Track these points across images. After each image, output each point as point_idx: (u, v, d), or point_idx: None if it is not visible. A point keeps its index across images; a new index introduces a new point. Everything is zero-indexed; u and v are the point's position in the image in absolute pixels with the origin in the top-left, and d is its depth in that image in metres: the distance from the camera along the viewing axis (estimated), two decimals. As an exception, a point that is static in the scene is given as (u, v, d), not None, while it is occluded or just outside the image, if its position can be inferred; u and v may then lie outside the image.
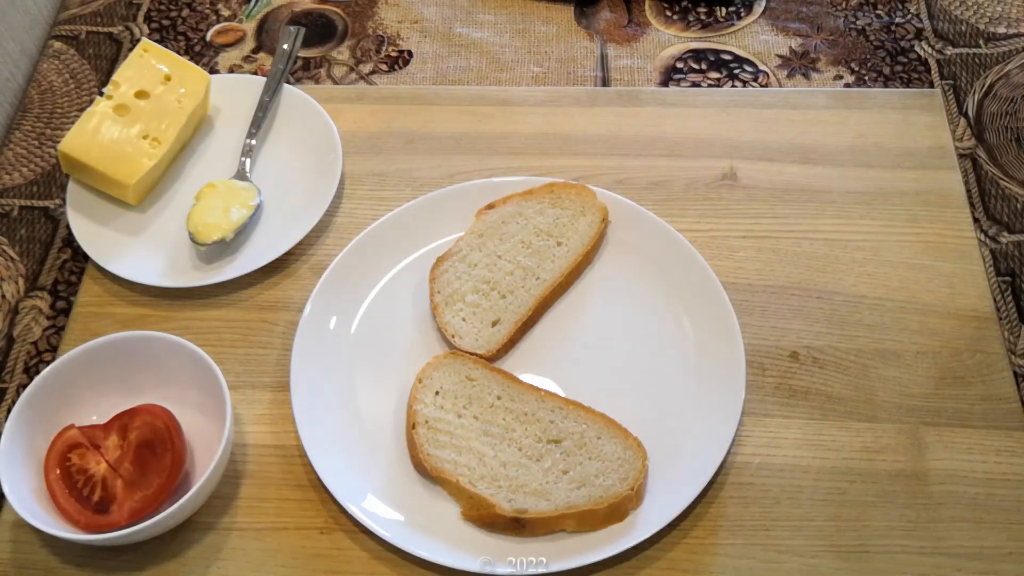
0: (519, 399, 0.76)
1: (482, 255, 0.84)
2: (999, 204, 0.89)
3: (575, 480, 0.73)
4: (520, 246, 0.84)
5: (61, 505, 0.71)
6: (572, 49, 1.01)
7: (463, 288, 0.83)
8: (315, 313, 0.81)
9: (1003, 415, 0.77)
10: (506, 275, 0.83)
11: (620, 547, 0.70)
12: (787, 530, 0.72)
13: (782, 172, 0.91)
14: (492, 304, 0.82)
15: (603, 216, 0.85)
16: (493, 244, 0.84)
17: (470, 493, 0.72)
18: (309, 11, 1.06)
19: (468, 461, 0.74)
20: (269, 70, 0.98)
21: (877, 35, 1.01)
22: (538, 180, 0.88)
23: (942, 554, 0.71)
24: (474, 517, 0.72)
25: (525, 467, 0.73)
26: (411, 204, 0.87)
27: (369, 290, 0.84)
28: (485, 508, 0.72)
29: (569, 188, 0.86)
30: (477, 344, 0.80)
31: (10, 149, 0.96)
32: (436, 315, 0.81)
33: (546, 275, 0.83)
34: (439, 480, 0.73)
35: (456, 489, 0.73)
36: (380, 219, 0.86)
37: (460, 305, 0.82)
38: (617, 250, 0.85)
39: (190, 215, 0.86)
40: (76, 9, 1.06)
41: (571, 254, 0.83)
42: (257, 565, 0.72)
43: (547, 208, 0.86)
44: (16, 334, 0.85)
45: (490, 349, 0.80)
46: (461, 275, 0.83)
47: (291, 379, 0.77)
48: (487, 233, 0.85)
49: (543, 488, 0.72)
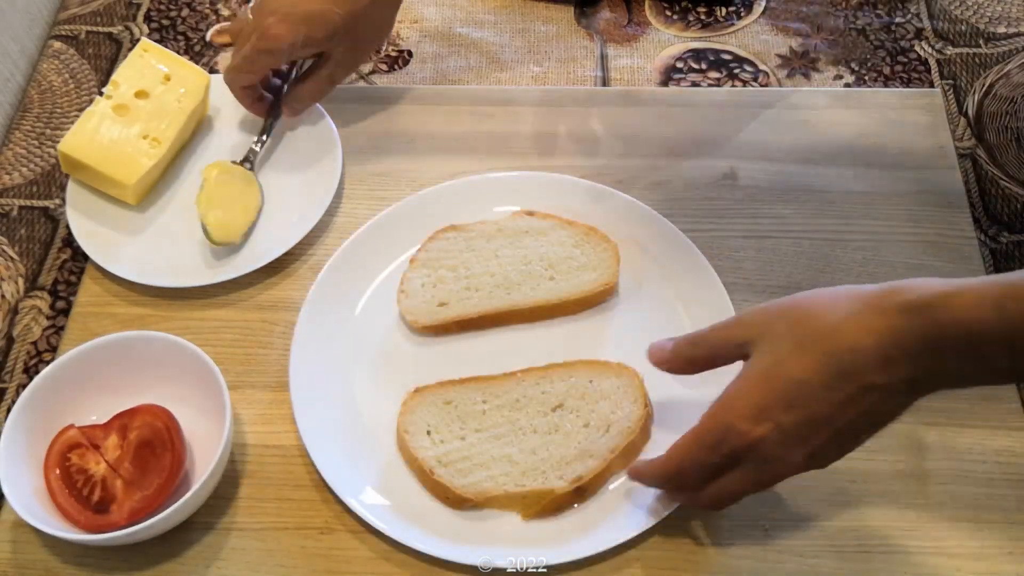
0: (502, 392, 0.77)
1: (485, 245, 0.84)
2: (999, 204, 0.89)
3: (598, 427, 0.74)
4: (519, 260, 0.83)
5: (61, 505, 0.71)
6: (572, 49, 1.01)
7: (446, 260, 0.83)
8: (314, 311, 0.81)
9: (1003, 415, 0.77)
10: (487, 275, 0.83)
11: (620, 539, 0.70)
12: (787, 530, 0.72)
13: (782, 172, 0.91)
14: (453, 288, 0.82)
15: (609, 285, 0.82)
16: (500, 243, 0.84)
17: (522, 494, 0.72)
18: (309, 11, 1.06)
19: (501, 469, 0.73)
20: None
21: (877, 35, 1.01)
22: (537, 177, 0.88)
23: (942, 554, 0.71)
24: (536, 512, 0.72)
25: (551, 442, 0.74)
26: (409, 200, 0.87)
27: (367, 287, 0.84)
28: (544, 498, 0.72)
29: (600, 240, 0.84)
30: (415, 311, 0.81)
31: (10, 149, 0.96)
32: (409, 268, 0.83)
33: (518, 297, 0.81)
34: (486, 502, 0.73)
35: (507, 499, 0.72)
36: (378, 215, 0.86)
37: (429, 271, 0.83)
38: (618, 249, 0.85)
39: (200, 200, 0.86)
40: (76, 9, 1.06)
41: (553, 294, 0.82)
42: (257, 565, 0.72)
43: (569, 245, 0.84)
44: (16, 334, 0.85)
45: (421, 322, 0.80)
46: (452, 249, 0.83)
47: (290, 378, 0.77)
48: (505, 232, 0.85)
49: (579, 449, 0.73)
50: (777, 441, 0.61)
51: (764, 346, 0.62)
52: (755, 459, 0.62)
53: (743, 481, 0.64)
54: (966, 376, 0.59)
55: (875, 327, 0.58)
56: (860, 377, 0.58)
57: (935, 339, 0.57)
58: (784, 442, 0.61)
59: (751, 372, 0.62)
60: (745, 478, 0.64)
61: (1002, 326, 0.55)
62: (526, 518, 0.72)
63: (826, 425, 0.60)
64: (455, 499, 0.73)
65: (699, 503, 0.68)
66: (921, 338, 0.57)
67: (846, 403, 0.59)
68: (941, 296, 0.56)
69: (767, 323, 0.63)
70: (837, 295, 0.61)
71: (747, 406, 0.61)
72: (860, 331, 0.58)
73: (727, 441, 0.62)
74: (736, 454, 0.62)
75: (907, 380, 0.58)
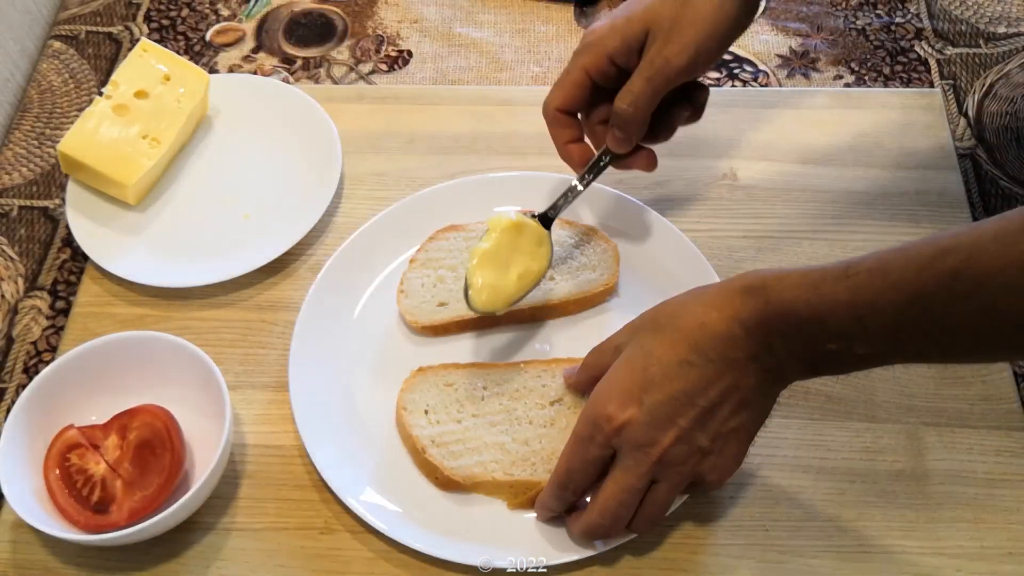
0: (503, 380, 0.77)
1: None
2: (999, 204, 0.89)
3: None
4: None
5: (60, 505, 0.71)
6: (572, 49, 1.00)
7: (446, 260, 0.83)
8: (314, 312, 0.81)
9: (1003, 415, 0.77)
10: None
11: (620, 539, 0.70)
12: (787, 530, 0.72)
13: (782, 172, 0.90)
14: (453, 288, 0.82)
15: (608, 285, 0.82)
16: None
17: (509, 483, 0.72)
18: (309, 11, 1.06)
19: (492, 456, 0.73)
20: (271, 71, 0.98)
21: (877, 35, 1.01)
22: (537, 177, 0.88)
23: (942, 554, 0.71)
24: (522, 503, 0.72)
25: (545, 435, 0.74)
26: (409, 200, 0.87)
27: (367, 287, 0.84)
28: (531, 490, 0.72)
29: (600, 240, 0.84)
30: (414, 311, 0.81)
31: (10, 149, 0.96)
32: (408, 268, 0.83)
33: None
34: (474, 486, 0.73)
35: (494, 486, 0.73)
36: (378, 215, 0.86)
37: (429, 271, 0.82)
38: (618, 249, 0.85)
39: (475, 253, 0.75)
40: (76, 9, 1.06)
41: (552, 294, 0.81)
42: (257, 565, 0.72)
43: (569, 245, 0.84)
44: (15, 334, 0.85)
45: (421, 322, 0.80)
46: (452, 249, 0.83)
47: (290, 378, 0.77)
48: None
49: None
50: (645, 423, 0.63)
51: (631, 342, 0.66)
52: (629, 445, 0.64)
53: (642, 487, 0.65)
54: (816, 360, 0.62)
55: (720, 304, 0.62)
56: (710, 351, 0.62)
57: (766, 317, 0.61)
58: (652, 423, 0.63)
59: (617, 364, 0.65)
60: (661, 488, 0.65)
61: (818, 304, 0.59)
62: (512, 507, 0.73)
63: (689, 404, 0.63)
64: (444, 481, 0.73)
65: (634, 528, 0.68)
66: (757, 315, 0.61)
67: (703, 379, 0.62)
68: (773, 278, 0.61)
69: (636, 324, 0.67)
70: (691, 296, 0.65)
71: (612, 392, 0.64)
72: (708, 309, 0.62)
73: (600, 429, 0.64)
74: (609, 442, 0.65)
75: (753, 358, 0.62)
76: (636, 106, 0.71)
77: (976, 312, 0.55)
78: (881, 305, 0.57)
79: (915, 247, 0.57)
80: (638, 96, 0.71)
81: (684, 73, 0.71)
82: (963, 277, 0.54)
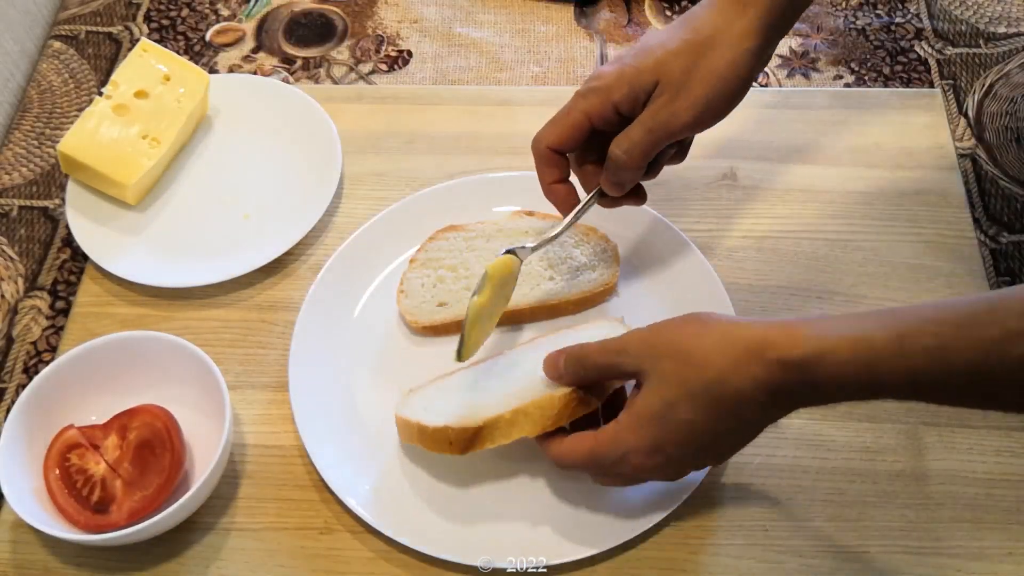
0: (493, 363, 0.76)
1: (485, 245, 0.84)
2: (999, 204, 0.89)
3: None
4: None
5: (60, 505, 0.71)
6: (572, 49, 1.01)
7: (446, 260, 0.83)
8: (314, 312, 0.81)
9: (1003, 415, 0.77)
10: None
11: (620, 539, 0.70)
12: (787, 530, 0.72)
13: (782, 172, 0.90)
14: (453, 288, 0.82)
15: (608, 285, 0.82)
16: (500, 243, 0.83)
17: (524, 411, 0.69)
18: (308, 11, 1.06)
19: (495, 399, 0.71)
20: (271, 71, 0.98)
21: (877, 35, 1.01)
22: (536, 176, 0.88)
23: (942, 554, 0.71)
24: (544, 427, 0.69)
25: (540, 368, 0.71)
26: (409, 200, 0.87)
27: (367, 287, 0.84)
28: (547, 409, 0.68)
29: (600, 240, 0.84)
30: (414, 311, 0.81)
31: (9, 149, 0.96)
32: (408, 268, 0.83)
33: (517, 297, 0.79)
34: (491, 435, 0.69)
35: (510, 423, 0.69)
36: (378, 215, 0.86)
37: (429, 271, 0.82)
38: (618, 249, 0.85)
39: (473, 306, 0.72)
40: (76, 9, 1.06)
41: (552, 294, 0.81)
42: (257, 565, 0.72)
43: (569, 245, 0.84)
44: (15, 334, 0.85)
45: (420, 322, 0.80)
46: (452, 249, 0.83)
47: (290, 378, 0.77)
48: (505, 232, 0.84)
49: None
50: (663, 464, 0.65)
51: (655, 384, 0.64)
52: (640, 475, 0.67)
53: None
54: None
55: (758, 376, 0.60)
56: (743, 414, 0.62)
57: (807, 396, 0.61)
58: (669, 465, 0.66)
59: (645, 411, 0.64)
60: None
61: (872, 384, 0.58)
62: (534, 435, 0.69)
63: (710, 449, 0.66)
64: (458, 439, 0.68)
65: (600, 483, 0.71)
66: (797, 392, 0.61)
67: (726, 431, 0.64)
68: (816, 354, 0.58)
69: (655, 358, 0.64)
70: (716, 341, 0.62)
71: (643, 442, 0.64)
72: (744, 380, 0.60)
73: (622, 463, 0.66)
74: (623, 473, 0.67)
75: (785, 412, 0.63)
76: (631, 155, 0.70)
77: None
78: (941, 385, 0.57)
79: (978, 325, 0.55)
80: (636, 145, 0.70)
81: (688, 128, 0.69)
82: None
